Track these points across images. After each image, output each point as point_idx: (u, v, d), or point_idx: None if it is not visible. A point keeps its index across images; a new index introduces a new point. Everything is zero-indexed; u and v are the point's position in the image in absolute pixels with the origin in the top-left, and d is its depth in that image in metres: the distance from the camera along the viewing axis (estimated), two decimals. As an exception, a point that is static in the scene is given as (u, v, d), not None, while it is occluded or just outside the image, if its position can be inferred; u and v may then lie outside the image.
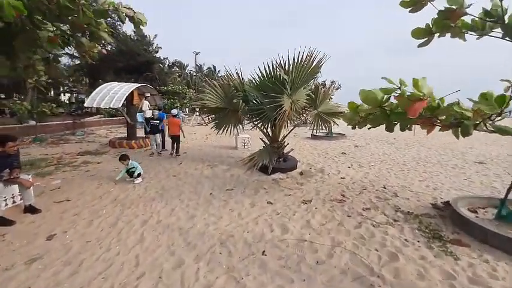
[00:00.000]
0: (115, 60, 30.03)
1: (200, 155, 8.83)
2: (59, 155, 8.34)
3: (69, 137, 12.25)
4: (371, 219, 3.78)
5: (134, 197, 4.71)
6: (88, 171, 6.53)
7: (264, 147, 5.89)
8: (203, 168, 6.84)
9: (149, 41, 33.79)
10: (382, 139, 13.48)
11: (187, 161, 7.86)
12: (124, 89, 9.05)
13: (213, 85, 6.60)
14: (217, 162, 7.53)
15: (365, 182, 5.76)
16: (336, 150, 9.90)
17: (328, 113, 7.21)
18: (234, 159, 8.10)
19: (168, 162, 7.64)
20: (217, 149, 10.00)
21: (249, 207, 4.27)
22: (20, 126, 10.92)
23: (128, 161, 5.64)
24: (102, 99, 8.67)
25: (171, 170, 6.72)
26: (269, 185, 5.39)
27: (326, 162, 7.77)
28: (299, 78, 6.00)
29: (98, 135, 13.67)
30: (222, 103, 6.54)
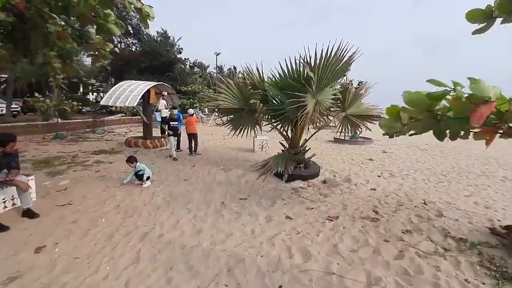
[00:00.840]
0: (138, 61, 30.75)
1: (215, 157, 8.38)
2: (74, 153, 8.24)
3: (88, 135, 12.34)
4: (415, 247, 3.05)
5: (139, 204, 4.29)
6: (98, 171, 6.27)
7: (281, 152, 5.21)
8: (216, 173, 6.35)
9: (172, 42, 34.28)
10: (413, 145, 12.36)
11: (201, 163, 7.43)
12: (140, 87, 8.82)
13: (229, 84, 6.09)
14: (232, 166, 7.02)
15: (400, 196, 4.97)
16: (362, 156, 9.06)
17: (360, 116, 6.47)
18: (250, 163, 7.55)
19: (181, 164, 7.25)
20: (234, 151, 9.52)
21: (264, 222, 3.68)
22: (42, 124, 11.11)
23: (135, 163, 5.27)
24: (118, 97, 8.48)
25: (182, 173, 6.30)
26: (288, 194, 4.77)
27: (352, 170, 7.00)
28: (326, 76, 5.33)
29: (117, 133, 13.71)
30: (238, 103, 6.01)
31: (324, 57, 5.18)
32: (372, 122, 6.79)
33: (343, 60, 5.31)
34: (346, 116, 6.46)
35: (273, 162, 4.79)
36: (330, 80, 5.49)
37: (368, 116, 6.66)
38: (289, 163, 4.91)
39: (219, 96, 5.85)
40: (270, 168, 4.64)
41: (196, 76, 34.64)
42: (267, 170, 4.63)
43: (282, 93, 5.89)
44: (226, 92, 5.99)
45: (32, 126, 10.83)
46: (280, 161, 4.92)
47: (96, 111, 24.54)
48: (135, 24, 33.83)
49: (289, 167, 4.85)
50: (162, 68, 29.82)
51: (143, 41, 33.65)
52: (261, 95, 6.18)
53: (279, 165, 4.73)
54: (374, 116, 6.68)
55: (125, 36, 34.91)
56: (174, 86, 29.58)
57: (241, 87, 6.05)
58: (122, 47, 35.58)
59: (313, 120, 6.06)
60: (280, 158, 5.03)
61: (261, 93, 6.20)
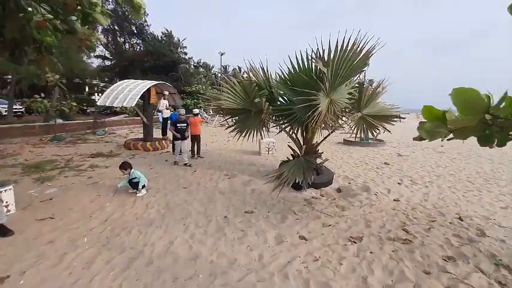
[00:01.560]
0: (142, 61, 30.44)
1: (218, 161, 7.82)
2: (69, 157, 7.77)
3: (88, 137, 11.92)
4: (464, 282, 2.43)
5: (129, 218, 3.75)
6: (91, 177, 5.76)
7: (291, 158, 4.54)
8: (219, 179, 5.78)
9: (176, 42, 33.93)
10: (428, 147, 11.63)
11: (202, 168, 6.88)
12: (140, 86, 8.32)
13: (232, 82, 5.50)
14: (236, 171, 6.45)
15: (428, 208, 4.33)
16: (376, 160, 8.40)
17: (376, 116, 5.84)
18: (256, 167, 6.97)
19: (182, 169, 6.71)
20: (239, 154, 8.95)
21: (274, 243, 3.10)
22: (40, 125, 10.72)
23: (129, 170, 4.73)
24: (116, 97, 8.00)
25: (182, 179, 5.75)
26: (300, 207, 4.17)
27: (368, 176, 6.37)
28: (341, 72, 4.72)
29: (118, 135, 13.27)
30: (242, 103, 5.42)
31: (339, 51, 4.57)
32: (389, 122, 6.16)
33: (361, 54, 4.69)
34: (362, 116, 5.84)
35: (288, 171, 4.15)
36: (346, 77, 4.88)
37: (386, 117, 6.03)
38: (308, 172, 4.25)
39: (221, 96, 5.27)
40: (286, 179, 4.01)
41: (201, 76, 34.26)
42: (283, 181, 4.00)
43: (291, 91, 5.31)
44: (229, 91, 5.41)
45: (29, 127, 10.43)
46: (296, 169, 4.27)
47: (101, 112, 24.18)
48: (139, 24, 33.64)
49: (308, 177, 4.21)
50: (165, 68, 29.45)
51: (147, 41, 33.39)
52: (267, 94, 5.60)
53: (296, 176, 4.10)
54: (392, 116, 6.05)
55: (128, 37, 34.75)
56: (178, 86, 29.36)
57: (246, 86, 5.46)
58: (127, 47, 35.48)
59: (326, 122, 5.45)
60: (296, 166, 4.38)
61: (267, 92, 5.61)
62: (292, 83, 5.21)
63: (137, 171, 4.85)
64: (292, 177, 3.99)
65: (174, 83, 29.53)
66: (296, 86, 4.98)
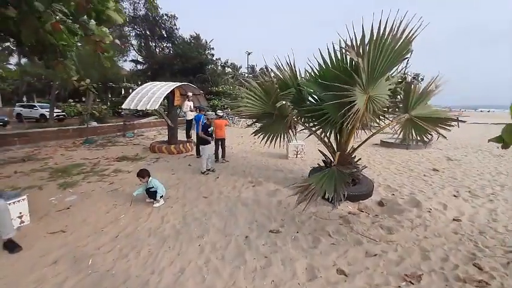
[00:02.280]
0: (171, 64, 31.23)
1: (243, 165, 7.35)
2: (97, 160, 7.82)
3: (118, 139, 12.18)
4: None
5: (142, 234, 3.39)
6: (113, 183, 5.60)
7: (327, 170, 3.84)
8: (243, 187, 5.30)
9: (203, 44, 34.35)
10: (481, 148, 10.14)
11: (226, 173, 6.45)
12: (163, 88, 8.15)
13: (251, 86, 4.95)
14: (262, 178, 5.92)
15: (501, 232, 3.42)
16: (422, 165, 7.35)
17: (429, 119, 4.96)
18: (283, 174, 6.38)
19: (204, 175, 6.34)
20: (265, 157, 8.41)
21: (304, 278, 2.50)
22: (73, 129, 11.14)
23: (147, 178, 4.41)
24: (140, 100, 7.90)
25: (203, 187, 5.36)
26: (335, 226, 3.52)
27: (415, 185, 5.47)
28: (380, 62, 3.96)
29: (146, 137, 13.45)
30: (264, 107, 4.85)
31: (376, 36, 3.80)
32: (444, 127, 5.17)
33: (402, 38, 3.86)
34: (410, 118, 4.99)
35: (316, 184, 3.49)
36: (385, 67, 4.08)
37: (440, 120, 5.08)
38: (340, 185, 3.55)
39: (241, 102, 4.76)
40: (313, 192, 3.37)
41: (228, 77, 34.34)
42: (310, 195, 3.35)
43: (321, 88, 4.64)
44: (249, 95, 4.87)
45: (63, 131, 10.86)
46: (327, 181, 3.59)
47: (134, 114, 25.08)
48: (168, 28, 34.61)
49: (340, 191, 3.51)
50: (193, 70, 29.88)
51: (176, 44, 34.23)
52: (294, 94, 4.98)
53: (326, 188, 3.43)
54: (449, 119, 5.08)
55: (159, 41, 35.93)
56: (205, 87, 29.65)
57: (268, 88, 4.88)
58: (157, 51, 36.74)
59: (365, 123, 4.70)
60: (327, 177, 3.68)
61: (294, 92, 4.99)
62: (322, 79, 4.54)
63: (155, 179, 4.52)
64: (321, 191, 3.33)
65: (202, 84, 29.95)
66: (328, 81, 4.31)
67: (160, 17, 34.09)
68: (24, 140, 9.49)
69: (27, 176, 6.15)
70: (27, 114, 20.65)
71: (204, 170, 6.40)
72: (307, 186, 3.28)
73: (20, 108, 21.09)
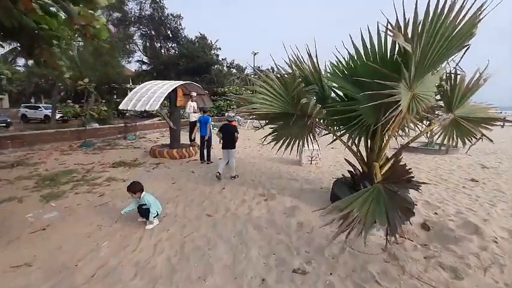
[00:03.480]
0: (177, 64, 30.70)
1: (251, 172, 6.56)
2: (91, 166, 7.11)
3: (118, 142, 11.51)
4: None
5: (125, 273, 2.60)
6: (103, 195, 4.85)
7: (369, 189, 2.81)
8: (253, 202, 4.49)
9: (210, 44, 33.78)
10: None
11: (233, 183, 5.66)
12: (164, 87, 7.42)
13: (268, 79, 4.11)
14: (274, 190, 5.11)
15: None
16: (455, 174, 6.44)
17: (472, 119, 4.10)
18: (298, 184, 5.55)
19: (209, 184, 5.57)
20: (275, 164, 7.60)
21: None
22: (71, 130, 10.50)
23: (139, 193, 3.64)
24: (138, 100, 7.18)
25: (207, 201, 4.57)
26: (381, 265, 2.66)
27: (458, 201, 4.58)
28: (433, 50, 3.11)
29: (148, 139, 12.76)
30: (283, 105, 4.02)
31: (432, 15, 2.95)
32: (487, 127, 4.31)
33: (465, 18, 2.98)
34: (455, 119, 4.12)
35: (359, 209, 2.51)
36: (438, 57, 3.22)
37: (483, 120, 4.21)
38: (394, 211, 2.43)
39: (254, 97, 3.94)
40: (356, 222, 2.41)
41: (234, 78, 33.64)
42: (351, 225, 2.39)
43: (351, 85, 3.80)
44: (265, 90, 4.05)
45: (60, 133, 10.22)
46: (373, 206, 2.53)
47: (139, 115, 24.51)
48: (174, 28, 34.10)
49: (397, 220, 2.47)
50: (199, 70, 29.27)
51: (181, 44, 33.72)
52: (317, 92, 4.16)
53: (375, 217, 2.46)
54: (492, 119, 4.21)
55: (164, 41, 35.46)
56: (211, 88, 29.00)
57: (287, 83, 4.06)
58: (162, 52, 36.27)
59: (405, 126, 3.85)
60: (372, 199, 2.62)
61: (317, 88, 4.17)
62: (353, 74, 3.71)
63: (150, 195, 3.74)
64: (369, 221, 2.44)
65: (207, 85, 29.32)
66: (361, 77, 3.49)
67: (165, 16, 33.64)
68: (17, 143, 8.86)
69: (11, 184, 5.46)
70: (31, 115, 20.33)
71: (220, 170, 5.90)
72: (346, 215, 2.42)
73: (25, 109, 20.79)
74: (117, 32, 26.13)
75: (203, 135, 7.47)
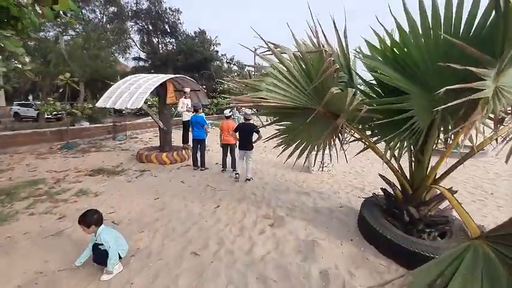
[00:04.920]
0: (175, 60, 29.54)
1: (253, 183, 5.49)
2: (64, 174, 6.05)
3: (105, 143, 10.43)
4: None
5: None
6: (63, 217, 3.79)
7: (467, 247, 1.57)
8: (255, 229, 3.42)
9: (209, 39, 32.59)
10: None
11: (230, 197, 4.60)
12: (150, 81, 6.32)
13: (283, 58, 2.97)
14: (282, 209, 4.04)
15: None
16: (498, 184, 5.36)
17: None
18: (312, 200, 4.48)
19: (201, 199, 4.50)
20: (279, 170, 6.52)
21: None
22: (52, 131, 9.42)
23: (95, 227, 2.55)
24: (119, 96, 6.08)
25: (195, 227, 3.50)
26: None
27: None
28: None
29: (139, 140, 11.68)
30: (300, 97, 2.91)
31: None
32: None
33: None
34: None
35: None
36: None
37: None
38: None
39: (262, 82, 2.81)
40: None
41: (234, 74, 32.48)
42: None
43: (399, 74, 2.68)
44: (278, 74, 2.93)
45: (39, 134, 9.14)
46: None
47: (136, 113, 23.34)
48: (172, 23, 32.84)
49: None
50: (197, 66, 28.09)
51: (180, 39, 32.52)
52: (346, 82, 3.05)
53: None
54: None
55: (162, 36, 34.24)
56: (210, 85, 27.83)
57: (310, 65, 2.92)
58: (160, 47, 35.05)
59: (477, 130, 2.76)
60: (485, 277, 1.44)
61: (346, 78, 3.06)
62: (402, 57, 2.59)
63: (109, 230, 2.65)
64: None
65: (206, 81, 28.16)
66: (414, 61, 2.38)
67: (163, 10, 32.37)
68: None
69: (-44, 201, 4.41)
70: (24, 113, 19.27)
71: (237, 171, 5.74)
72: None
73: (17, 107, 19.72)
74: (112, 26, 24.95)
75: (196, 138, 6.39)
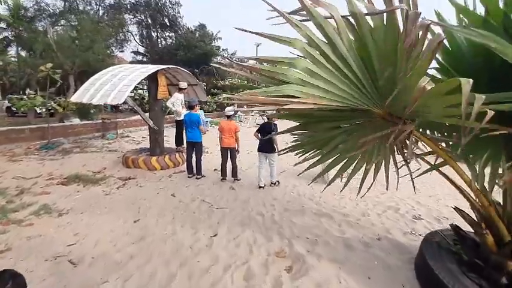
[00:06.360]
0: (173, 54, 28.40)
1: (259, 199, 4.48)
2: (32, 182, 5.05)
3: (92, 142, 9.40)
4: None
5: None
6: (4, 252, 2.79)
7: None
8: (267, 279, 2.41)
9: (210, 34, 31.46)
10: None
11: (231, 219, 3.59)
12: (136, 73, 5.27)
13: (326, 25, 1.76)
14: (300, 242, 3.04)
15: None
16: None
17: None
18: (336, 225, 3.49)
19: (192, 222, 3.51)
20: (290, 179, 5.52)
21: None
22: (31, 128, 8.39)
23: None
24: (98, 89, 5.05)
25: (183, 269, 2.49)
26: None
27: None
28: None
29: (131, 139, 10.65)
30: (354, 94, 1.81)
31: None
32: None
33: None
34: None
35: None
36: None
37: None
38: None
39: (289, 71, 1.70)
40: None
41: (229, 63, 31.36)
42: None
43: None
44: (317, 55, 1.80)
45: (16, 131, 8.12)
46: None
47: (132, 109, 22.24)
48: (172, 16, 31.63)
49: None
50: (197, 61, 26.96)
51: (179, 33, 31.35)
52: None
53: None
54: None
55: (161, 29, 33.07)
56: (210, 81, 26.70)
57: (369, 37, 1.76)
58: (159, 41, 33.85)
59: None
60: None
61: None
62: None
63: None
64: None
65: (207, 77, 27.06)
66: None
67: (163, 3, 31.14)
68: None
69: None
70: (18, 108, 18.24)
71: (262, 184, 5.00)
72: None
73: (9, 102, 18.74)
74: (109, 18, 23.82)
75: (190, 140, 5.39)
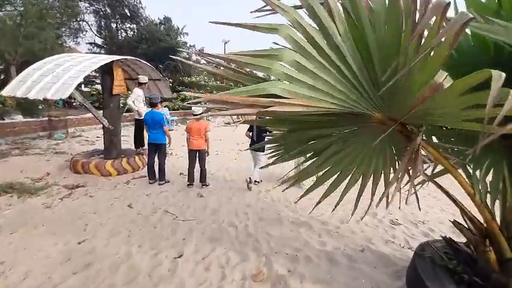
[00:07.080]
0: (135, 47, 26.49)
1: (230, 206, 4.06)
2: None
3: (36, 143, 8.14)
4: None
5: None
6: None
7: None
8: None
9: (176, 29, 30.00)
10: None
11: (200, 235, 3.12)
12: (85, 64, 4.48)
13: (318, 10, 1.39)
14: (279, 258, 2.69)
15: None
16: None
17: None
18: (315, 236, 3.20)
19: (152, 240, 2.97)
20: (262, 184, 5.16)
21: None
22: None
23: None
24: (37, 82, 4.20)
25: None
26: None
27: None
28: None
29: (84, 139, 9.45)
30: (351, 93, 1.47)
31: None
32: None
33: None
34: None
35: None
36: None
37: None
38: None
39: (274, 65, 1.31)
40: None
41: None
42: None
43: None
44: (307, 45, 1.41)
45: None
46: None
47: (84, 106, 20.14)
48: (132, 6, 29.48)
49: None
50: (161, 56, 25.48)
51: (142, 25, 29.38)
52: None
53: None
54: None
55: (121, 21, 30.69)
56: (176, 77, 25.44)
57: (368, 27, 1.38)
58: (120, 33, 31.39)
59: None
60: None
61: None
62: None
63: None
64: None
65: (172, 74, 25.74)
66: None
67: (121, -6, 28.85)
68: None
69: None
70: None
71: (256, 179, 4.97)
72: None
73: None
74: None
75: (152, 142, 4.77)
